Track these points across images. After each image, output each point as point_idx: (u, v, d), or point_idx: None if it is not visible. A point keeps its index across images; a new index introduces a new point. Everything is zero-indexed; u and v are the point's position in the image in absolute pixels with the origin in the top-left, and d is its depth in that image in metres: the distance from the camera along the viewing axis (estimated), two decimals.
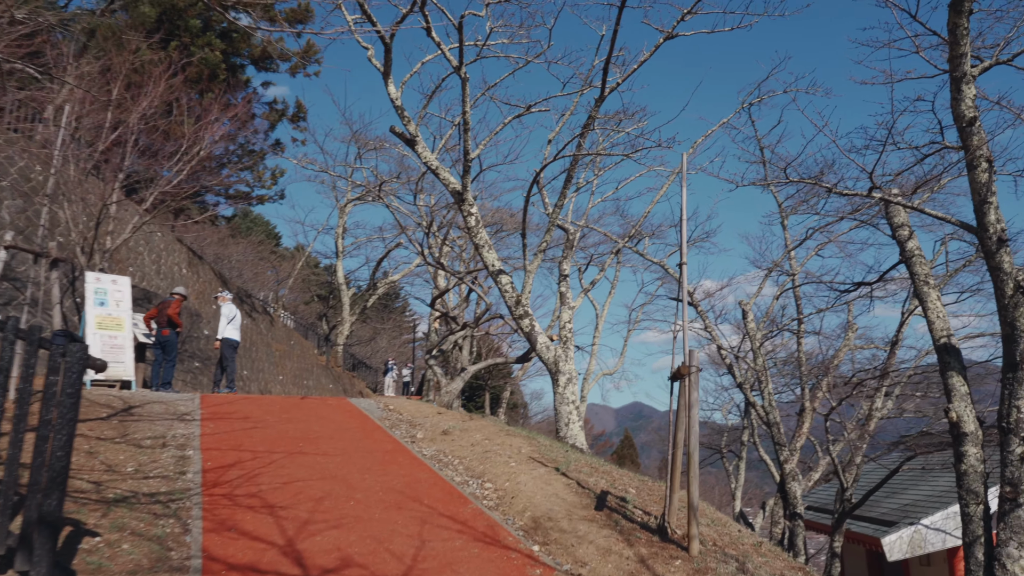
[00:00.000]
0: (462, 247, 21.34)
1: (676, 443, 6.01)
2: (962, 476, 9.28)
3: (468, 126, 10.87)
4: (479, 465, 8.06)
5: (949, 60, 8.68)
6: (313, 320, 37.57)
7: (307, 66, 24.39)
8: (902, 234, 10.91)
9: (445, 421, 10.55)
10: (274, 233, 50.05)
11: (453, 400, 13.61)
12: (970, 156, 8.82)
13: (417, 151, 11.77)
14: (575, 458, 8.38)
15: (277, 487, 6.85)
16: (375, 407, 12.34)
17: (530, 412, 52.31)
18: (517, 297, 11.29)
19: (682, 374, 5.48)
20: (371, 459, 8.25)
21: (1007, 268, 8.84)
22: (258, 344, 23.11)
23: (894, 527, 15.29)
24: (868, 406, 17.89)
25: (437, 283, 20.00)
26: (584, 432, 11.66)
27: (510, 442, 8.92)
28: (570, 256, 12.63)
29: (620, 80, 10.26)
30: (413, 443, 9.35)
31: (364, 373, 40.74)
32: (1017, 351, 8.85)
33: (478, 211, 11.56)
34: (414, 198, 17.84)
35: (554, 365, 11.12)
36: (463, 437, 9.37)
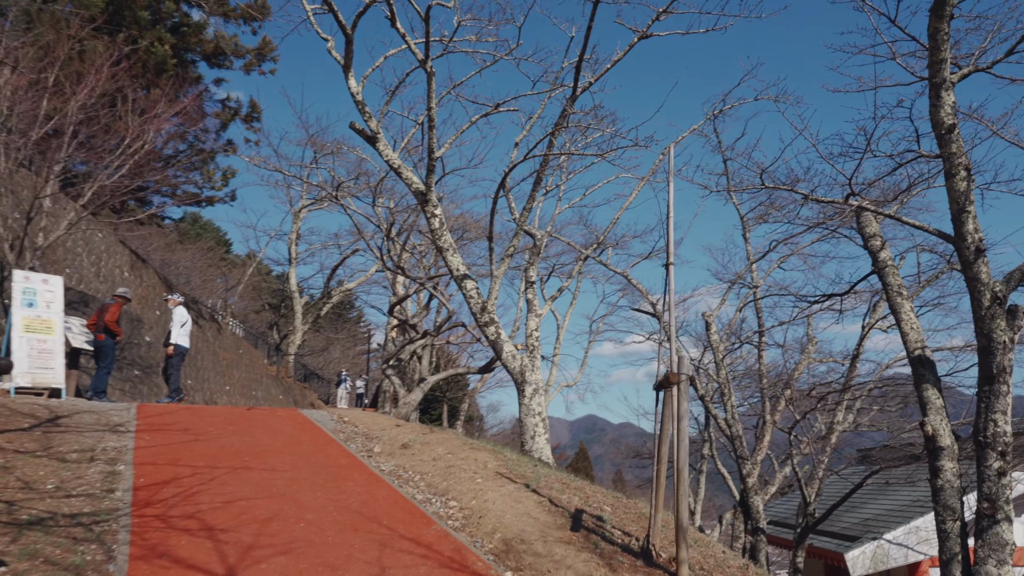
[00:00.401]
0: (422, 252, 20.72)
1: (661, 458, 5.54)
2: (938, 491, 9.04)
3: (433, 123, 10.34)
4: (442, 481, 7.48)
5: (929, 66, 8.51)
6: (264, 329, 36.37)
7: (262, 63, 23.55)
8: (874, 244, 10.73)
9: (404, 434, 9.93)
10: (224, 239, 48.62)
11: (412, 412, 12.98)
12: (949, 164, 8.65)
13: (378, 149, 11.19)
14: (545, 473, 7.87)
15: (218, 507, 6.18)
16: (328, 419, 11.64)
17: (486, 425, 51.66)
18: (483, 303, 10.76)
19: (671, 382, 5.03)
20: (324, 475, 7.60)
21: (984, 279, 8.66)
22: (204, 352, 22.07)
23: (857, 542, 15.13)
24: (830, 420, 17.80)
25: (395, 290, 19.34)
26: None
27: (475, 456, 8.36)
28: (536, 263, 12.16)
29: (592, 80, 9.87)
30: (370, 458, 8.72)
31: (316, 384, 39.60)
32: (994, 363, 8.66)
33: (442, 212, 11.02)
34: (373, 202, 17.19)
35: (520, 375, 10.61)
36: (424, 451, 8.78)
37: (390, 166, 11.22)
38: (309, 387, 34.68)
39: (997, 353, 8.63)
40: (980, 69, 8.71)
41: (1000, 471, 8.47)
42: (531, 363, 10.72)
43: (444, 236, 10.93)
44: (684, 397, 4.99)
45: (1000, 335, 8.63)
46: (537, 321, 11.63)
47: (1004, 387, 8.61)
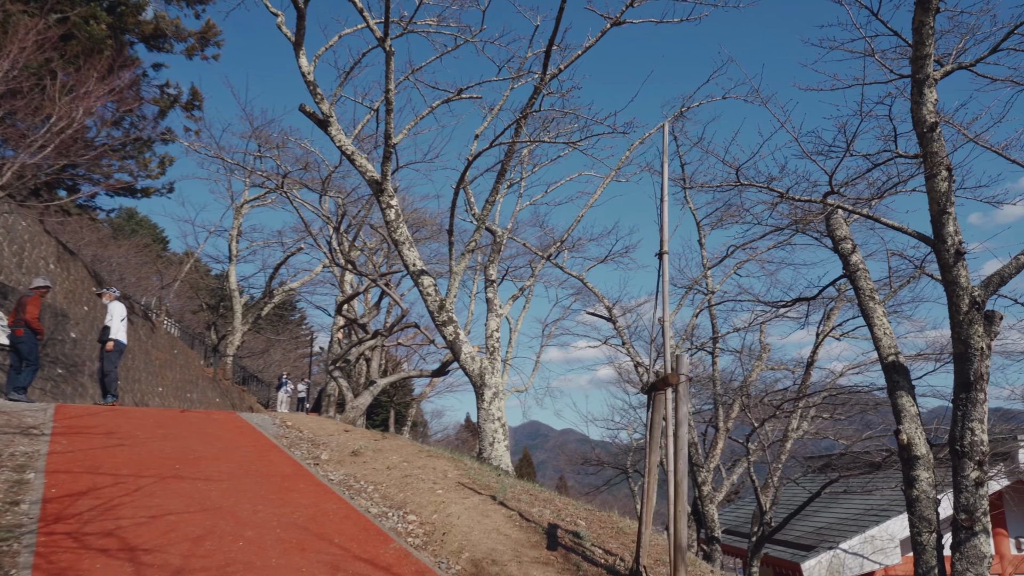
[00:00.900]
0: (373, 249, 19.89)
1: (651, 468, 5.00)
2: (913, 502, 8.76)
3: (391, 106, 9.65)
4: (399, 493, 6.79)
5: (912, 61, 8.26)
6: (201, 329, 34.79)
7: (205, 48, 22.33)
8: (845, 247, 10.49)
9: (354, 440, 9.18)
10: (161, 236, 46.65)
11: (359, 417, 12.20)
12: (930, 164, 8.41)
13: (331, 134, 10.44)
14: (511, 484, 7.25)
15: (142, 522, 5.36)
16: (270, 423, 10.78)
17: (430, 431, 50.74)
18: (441, 301, 10.09)
19: (668, 383, 4.48)
20: (266, 486, 6.82)
21: (963, 283, 8.43)
22: (136, 352, 20.73)
23: (812, 551, 14.95)
24: (784, 427, 17.68)
25: (344, 288, 18.45)
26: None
27: (433, 465, 7.69)
28: (496, 261, 11.57)
29: (563, 66, 9.33)
30: (317, 466, 7.96)
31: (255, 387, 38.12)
32: (971, 370, 8.44)
33: (399, 204, 10.32)
34: (321, 195, 16.33)
35: (479, 378, 9.97)
36: (377, 459, 8.06)
37: (343, 153, 10.48)
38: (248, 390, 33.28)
39: (975, 359, 8.40)
40: (963, 66, 8.50)
41: (978, 481, 8.23)
42: (491, 365, 10.10)
43: (400, 229, 10.24)
44: (683, 400, 4.45)
45: (978, 341, 8.40)
46: (497, 321, 11.02)
47: (981, 395, 8.38)
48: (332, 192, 14.82)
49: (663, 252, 4.99)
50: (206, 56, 23.51)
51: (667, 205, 5.06)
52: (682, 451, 4.41)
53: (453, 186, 10.21)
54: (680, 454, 4.40)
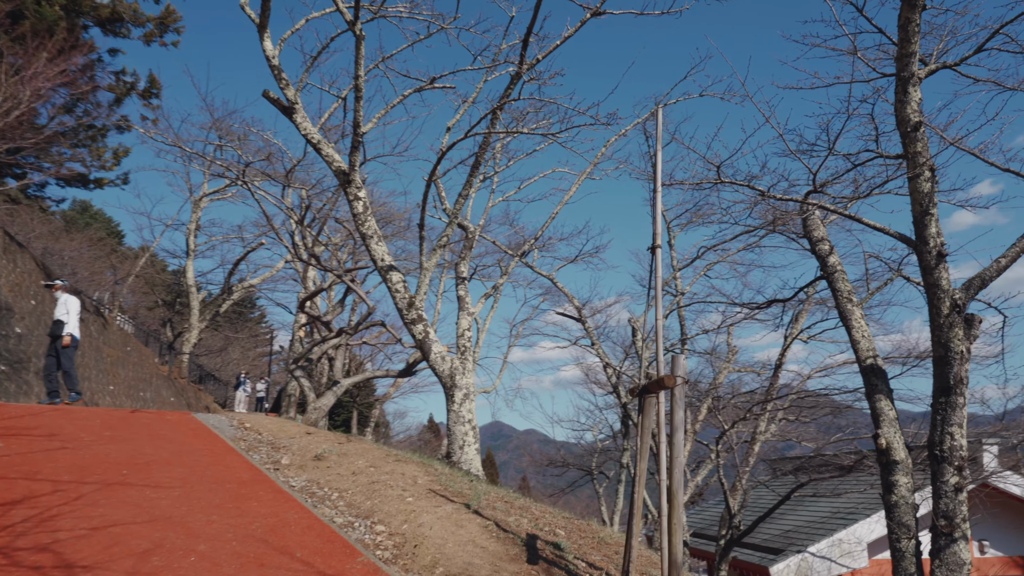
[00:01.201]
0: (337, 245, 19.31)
1: (640, 476, 4.68)
2: (892, 508, 8.61)
3: (361, 92, 9.21)
4: (366, 501, 6.37)
5: (897, 59, 8.11)
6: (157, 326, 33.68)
7: (164, 34, 21.49)
8: (823, 248, 10.33)
9: (317, 443, 8.72)
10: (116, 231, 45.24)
11: (321, 418, 11.70)
12: (913, 164, 8.27)
13: (296, 121, 9.95)
14: (484, 491, 6.88)
15: (83, 535, 4.88)
16: (227, 424, 10.25)
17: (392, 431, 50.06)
18: (410, 299, 9.67)
19: (664, 386, 4.16)
20: (222, 493, 6.34)
21: (944, 285, 8.31)
22: (87, 348, 19.83)
23: (781, 555, 14.86)
24: (752, 429, 17.61)
25: (306, 284, 17.85)
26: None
27: (402, 470, 7.28)
28: (468, 257, 11.17)
29: (540, 56, 8.99)
30: (277, 471, 7.49)
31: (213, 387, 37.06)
32: (951, 373, 8.31)
33: (367, 196, 9.87)
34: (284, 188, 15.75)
35: (450, 379, 9.57)
36: (341, 463, 7.62)
37: (308, 141, 10.00)
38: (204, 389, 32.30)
39: (954, 363, 8.28)
40: (947, 66, 8.38)
41: (957, 487, 8.11)
42: (462, 366, 9.71)
43: (368, 222, 9.80)
44: (679, 404, 4.14)
45: (958, 344, 8.28)
46: (469, 320, 10.63)
47: (960, 399, 8.27)
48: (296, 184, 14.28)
49: (656, 246, 4.67)
50: (165, 43, 22.66)
51: (660, 196, 4.75)
52: (678, 459, 4.09)
53: (425, 178, 9.81)
54: (676, 462, 4.09)
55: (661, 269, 4.69)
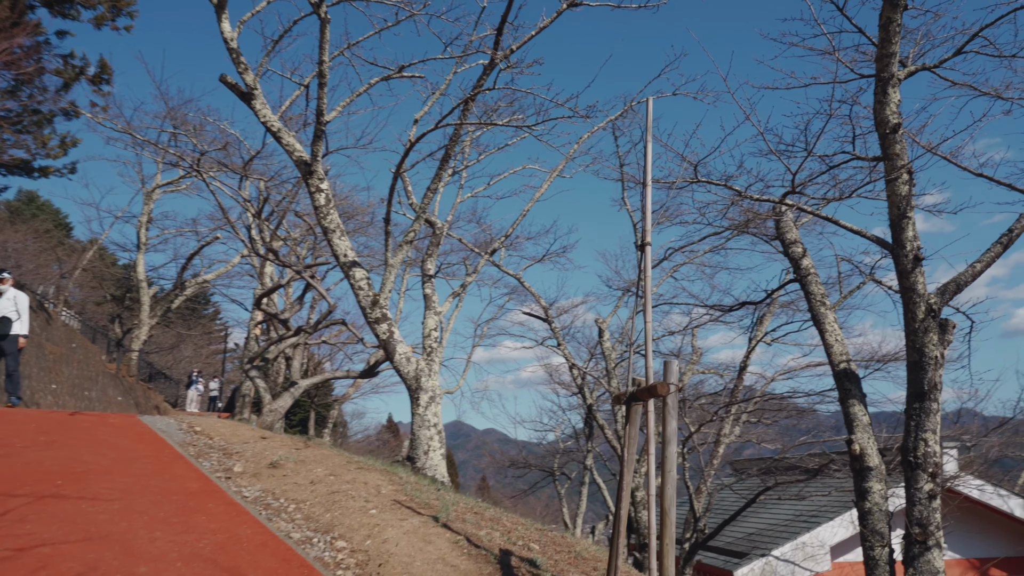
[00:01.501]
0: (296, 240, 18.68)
1: (623, 492, 4.36)
2: (866, 515, 8.47)
3: (325, 79, 8.75)
4: (325, 513, 5.94)
5: (877, 59, 7.97)
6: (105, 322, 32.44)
7: (117, 18, 20.55)
8: (796, 251, 10.19)
9: (272, 449, 8.23)
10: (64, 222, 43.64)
11: (278, 421, 11.17)
12: (891, 166, 8.14)
13: (255, 108, 9.43)
14: (453, 501, 6.49)
15: (7, 557, 4.37)
16: (176, 428, 9.67)
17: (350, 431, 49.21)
18: (374, 296, 9.23)
19: (657, 393, 3.84)
20: (167, 506, 5.85)
21: (920, 290, 8.20)
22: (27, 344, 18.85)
23: (745, 559, 14.77)
24: (717, 431, 17.54)
25: (263, 280, 17.19)
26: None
27: (364, 479, 6.86)
28: (435, 254, 10.77)
29: (515, 47, 8.63)
30: (229, 480, 7.00)
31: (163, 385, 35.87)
32: (925, 379, 8.20)
33: (330, 188, 9.40)
34: (241, 180, 15.11)
35: (415, 381, 9.16)
36: (299, 472, 7.16)
37: (268, 129, 9.49)
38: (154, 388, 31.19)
39: (928, 368, 8.17)
40: (927, 67, 8.26)
41: (931, 494, 8.00)
42: (428, 367, 9.30)
43: (331, 215, 9.33)
44: (673, 414, 3.82)
45: (932, 349, 8.18)
46: (436, 320, 10.23)
47: (935, 404, 8.16)
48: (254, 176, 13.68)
49: (645, 243, 4.36)
50: (117, 27, 21.67)
51: (650, 190, 4.43)
52: (671, 474, 3.77)
53: (392, 170, 9.38)
54: (668, 478, 3.77)
55: (651, 268, 4.38)
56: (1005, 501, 15.31)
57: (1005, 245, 8.22)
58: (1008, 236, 8.21)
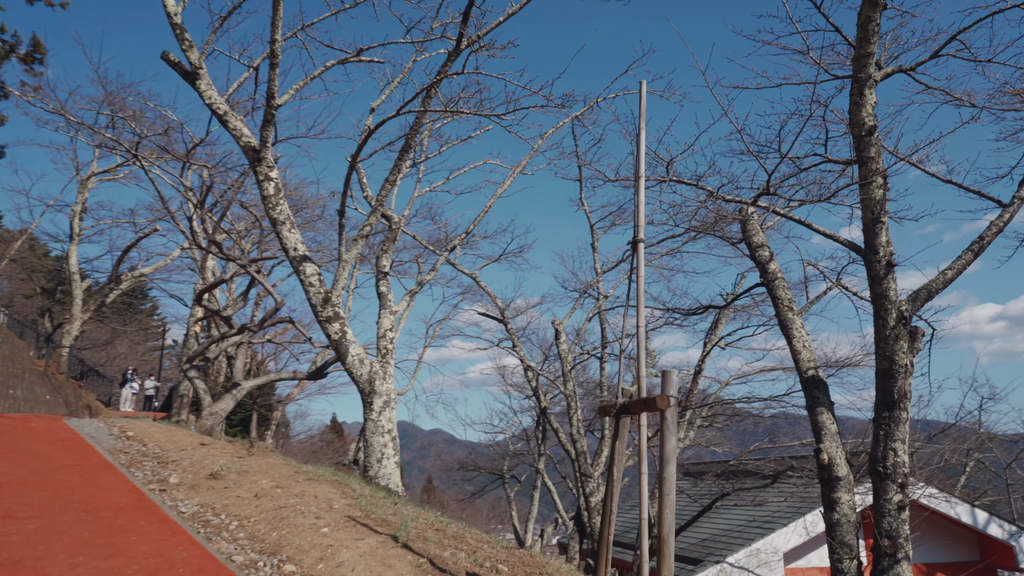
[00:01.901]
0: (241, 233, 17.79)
1: (610, 515, 3.96)
2: (834, 527, 8.28)
3: (277, 59, 8.15)
4: (272, 532, 5.38)
5: (854, 60, 7.79)
6: (34, 316, 30.71)
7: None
8: (763, 255, 9.99)
9: (212, 457, 7.60)
10: None
11: (219, 424, 10.48)
12: (865, 169, 7.97)
13: (199, 89, 8.75)
14: (412, 516, 6.00)
15: None
16: (106, 433, 8.92)
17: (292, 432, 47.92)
18: (326, 294, 8.66)
19: (657, 407, 3.44)
20: (92, 525, 5.22)
21: (892, 296, 8.04)
22: None
23: (699, 565, 14.60)
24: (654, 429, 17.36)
25: (205, 275, 16.30)
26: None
27: (314, 491, 6.31)
28: (391, 250, 10.23)
29: (482, 33, 8.19)
30: (164, 492, 6.36)
31: (96, 383, 34.16)
32: (895, 388, 8.06)
33: (279, 176, 8.79)
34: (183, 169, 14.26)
35: (368, 384, 8.62)
36: (242, 483, 6.57)
37: (214, 112, 8.82)
38: (86, 386, 29.65)
39: (898, 377, 8.02)
40: (903, 69, 8.12)
41: (900, 505, 7.84)
42: (383, 370, 8.78)
43: (280, 206, 8.72)
44: (671, 431, 3.43)
45: (902, 357, 8.03)
46: (391, 319, 9.69)
47: (904, 413, 8.02)
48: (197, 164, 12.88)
49: (638, 240, 3.96)
50: (52, 2, 20.39)
51: (643, 182, 4.04)
52: (669, 497, 3.38)
53: (348, 158, 8.81)
54: (667, 501, 3.38)
55: (643, 267, 3.99)
56: (952, 507, 15.51)
57: (976, 252, 8.15)
58: (979, 243, 8.14)
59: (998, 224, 8.32)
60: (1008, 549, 15.83)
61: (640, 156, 4.06)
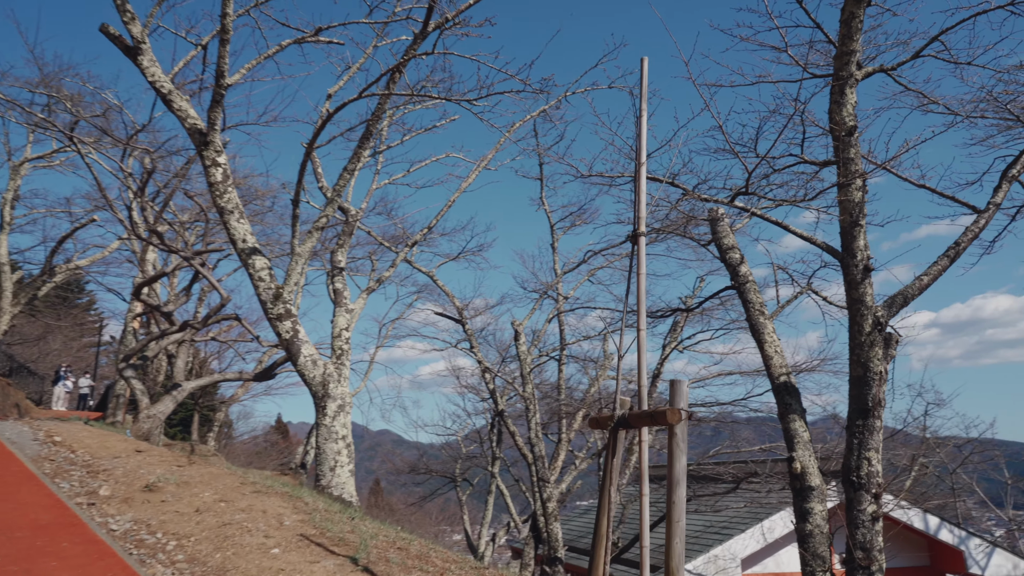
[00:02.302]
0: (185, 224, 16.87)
1: (602, 536, 3.55)
2: (807, 538, 8.03)
3: (228, 35, 7.54)
4: (214, 553, 4.82)
5: (836, 57, 7.57)
6: None
7: None
8: (733, 257, 9.73)
9: (149, 466, 6.95)
10: None
11: (157, 428, 9.76)
12: (844, 171, 7.76)
13: (142, 65, 8.06)
14: (371, 533, 5.49)
15: None
16: (30, 437, 8.15)
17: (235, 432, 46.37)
18: (276, 289, 8.06)
19: (667, 422, 3.04)
20: (5, 546, 4.58)
21: (868, 302, 7.84)
22: None
23: (657, 573, 14.38)
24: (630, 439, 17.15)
25: (144, 268, 15.37)
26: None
27: (263, 505, 5.75)
28: (347, 245, 9.67)
29: (451, 16, 7.71)
30: (92, 508, 5.72)
31: (26, 380, 32.40)
32: (869, 395, 7.86)
33: (227, 162, 8.16)
34: (124, 153, 13.39)
35: (322, 387, 8.05)
36: (182, 496, 5.96)
37: (158, 92, 8.14)
38: (15, 384, 28.03)
39: (873, 384, 7.83)
40: (884, 69, 7.93)
41: (874, 516, 7.64)
42: (337, 372, 8.21)
43: (228, 194, 8.09)
44: (682, 448, 3.03)
45: (877, 364, 7.84)
46: (348, 318, 9.12)
47: (878, 422, 7.83)
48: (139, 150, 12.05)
49: (639, 233, 3.56)
50: None
51: (644, 170, 3.64)
52: (679, 523, 2.99)
53: (304, 144, 8.22)
54: (677, 528, 2.98)
55: (644, 264, 3.58)
56: (905, 512, 15.63)
57: (952, 258, 8.03)
58: (955, 249, 8.02)
59: (973, 230, 8.23)
60: (958, 554, 16.03)
61: (641, 140, 3.66)
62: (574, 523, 22.72)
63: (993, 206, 8.31)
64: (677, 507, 2.97)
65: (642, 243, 3.53)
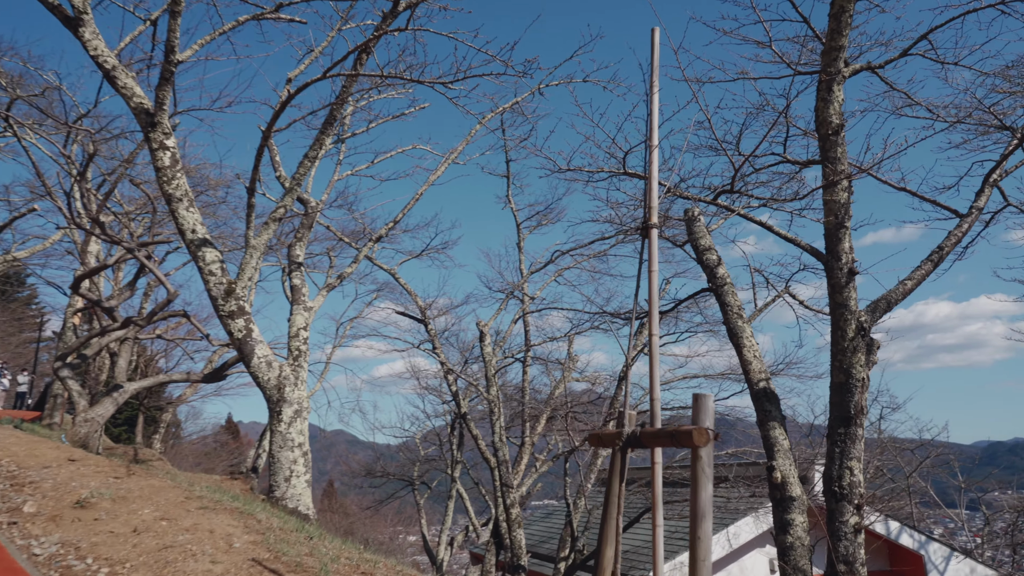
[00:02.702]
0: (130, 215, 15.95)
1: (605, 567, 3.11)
2: (787, 550, 7.74)
3: (179, 7, 6.92)
4: None
5: (824, 54, 7.29)
6: None
7: None
8: (710, 259, 9.42)
9: (83, 477, 6.29)
10: None
11: (96, 432, 9.04)
12: (830, 170, 7.49)
13: (83, 38, 7.38)
14: (332, 555, 4.96)
15: None
16: None
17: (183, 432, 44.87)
18: (229, 285, 7.45)
19: (693, 443, 2.60)
20: None
21: (852, 306, 7.59)
22: None
23: None
24: None
25: (86, 259, 14.44)
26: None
27: (210, 524, 5.17)
28: (306, 238, 9.08)
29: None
30: (14, 527, 5.07)
31: None
32: (851, 402, 7.61)
33: (176, 146, 7.52)
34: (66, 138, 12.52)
35: (277, 391, 7.46)
36: (118, 514, 5.34)
37: (100, 67, 7.45)
38: None
39: (855, 391, 7.58)
40: (870, 67, 7.70)
41: (856, 528, 7.39)
42: (294, 375, 7.64)
43: (177, 180, 7.45)
44: (708, 476, 2.60)
45: (860, 371, 7.60)
46: (306, 316, 8.54)
47: (860, 430, 7.58)
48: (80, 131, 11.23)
49: (650, 224, 3.13)
50: None
51: (656, 153, 3.22)
52: (705, 563, 2.55)
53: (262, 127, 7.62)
54: (703, 568, 2.54)
55: (657, 257, 3.15)
56: (865, 516, 15.60)
57: (935, 263, 7.84)
58: (938, 253, 7.84)
59: (956, 234, 8.07)
60: (918, 558, 16.08)
61: (653, 119, 3.23)
62: (536, 527, 22.32)
63: (976, 210, 8.17)
64: (703, 543, 2.54)
65: (654, 236, 3.10)
